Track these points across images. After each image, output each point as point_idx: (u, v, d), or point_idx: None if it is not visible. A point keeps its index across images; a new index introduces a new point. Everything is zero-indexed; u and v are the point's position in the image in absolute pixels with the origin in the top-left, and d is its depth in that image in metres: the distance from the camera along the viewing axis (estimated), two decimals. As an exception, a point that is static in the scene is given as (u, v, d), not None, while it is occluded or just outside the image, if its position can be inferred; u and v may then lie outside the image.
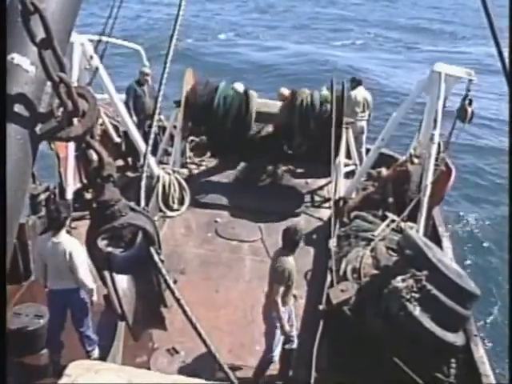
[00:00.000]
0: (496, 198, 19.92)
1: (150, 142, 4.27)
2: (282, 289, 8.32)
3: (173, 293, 3.07)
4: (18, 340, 9.10)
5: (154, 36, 35.33)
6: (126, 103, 14.61)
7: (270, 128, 15.65)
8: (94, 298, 8.63)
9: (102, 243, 3.01)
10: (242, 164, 15.73)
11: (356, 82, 16.36)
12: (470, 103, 11.62)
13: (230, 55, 38.37)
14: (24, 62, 2.33)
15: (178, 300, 3.06)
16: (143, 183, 3.76)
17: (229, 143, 15.42)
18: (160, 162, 14.30)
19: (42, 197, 11.61)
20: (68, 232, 9.04)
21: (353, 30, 47.66)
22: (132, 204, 2.91)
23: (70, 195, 11.86)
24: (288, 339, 8.80)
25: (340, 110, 13.75)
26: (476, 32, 44.32)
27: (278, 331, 8.59)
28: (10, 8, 2.44)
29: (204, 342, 3.13)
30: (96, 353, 8.95)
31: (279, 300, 8.33)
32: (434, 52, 39.56)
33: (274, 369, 9.00)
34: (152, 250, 3.02)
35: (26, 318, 9.22)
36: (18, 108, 2.28)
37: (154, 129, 4.41)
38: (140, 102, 14.85)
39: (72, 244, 8.55)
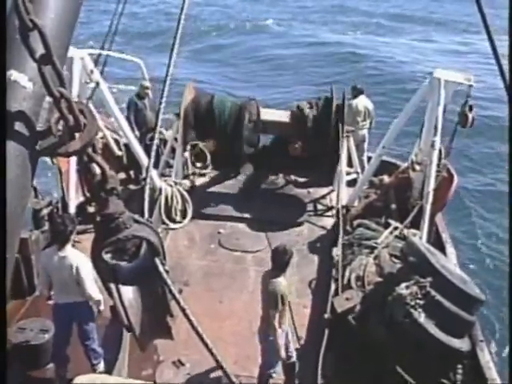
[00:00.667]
0: (499, 202, 19.87)
1: (153, 154, 4.28)
2: (277, 313, 8.32)
3: (178, 303, 3.07)
4: (23, 355, 9.10)
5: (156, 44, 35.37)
6: (128, 117, 14.66)
7: (271, 137, 15.71)
8: (101, 307, 8.65)
9: (107, 255, 3.03)
10: (244, 174, 15.75)
11: (357, 91, 16.29)
12: (471, 109, 11.62)
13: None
14: (22, 79, 2.35)
15: (183, 310, 3.07)
16: (146, 195, 3.78)
17: (229, 154, 15.47)
18: (162, 175, 14.30)
19: (45, 211, 11.64)
20: (72, 245, 9.04)
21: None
22: (136, 216, 2.92)
23: (72, 209, 11.87)
24: (287, 357, 8.82)
25: (340, 119, 13.77)
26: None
27: (275, 351, 8.62)
28: (7, 25, 2.46)
29: (210, 352, 3.13)
30: (101, 366, 8.94)
31: (276, 325, 8.33)
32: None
33: (279, 378, 9.00)
34: (157, 260, 3.03)
35: (30, 332, 9.21)
36: (16, 124, 2.30)
37: (156, 141, 4.41)
38: (141, 115, 14.91)
39: (77, 257, 8.56)
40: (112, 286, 3.09)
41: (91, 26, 34.85)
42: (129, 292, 3.15)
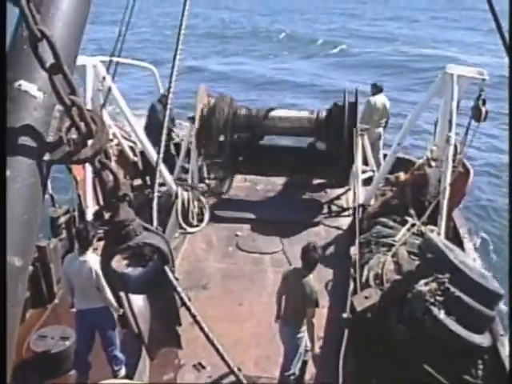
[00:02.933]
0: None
1: (160, 155, 4.27)
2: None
3: (189, 309, 3.08)
4: (44, 362, 9.16)
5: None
6: (147, 123, 14.89)
7: (287, 139, 15.74)
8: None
9: (116, 264, 3.03)
10: (260, 177, 15.80)
11: (377, 89, 16.25)
12: (484, 103, 11.55)
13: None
14: (31, 88, 2.36)
15: (194, 316, 3.07)
16: (155, 202, 3.79)
17: (245, 156, 15.53)
18: (178, 179, 14.35)
19: (62, 219, 11.72)
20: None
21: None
22: (145, 224, 2.93)
23: (89, 217, 11.92)
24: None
25: (353, 117, 13.76)
26: None
27: (300, 349, 8.65)
28: (15, 36, 2.48)
29: (222, 357, 3.14)
30: (123, 372, 8.97)
31: (315, 322, 8.49)
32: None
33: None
34: (166, 268, 3.03)
35: (51, 340, 9.27)
36: (27, 134, 2.31)
37: (171, 146, 4.42)
38: (160, 121, 14.95)
39: (97, 262, 8.60)
40: (121, 294, 3.10)
41: (100, 34, 35.00)
42: (138, 300, 3.16)
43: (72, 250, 10.40)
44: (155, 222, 3.44)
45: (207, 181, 15.44)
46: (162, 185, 13.18)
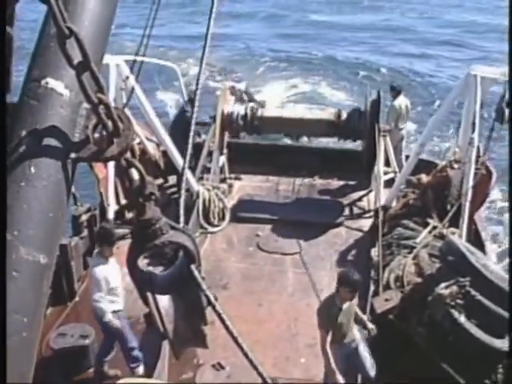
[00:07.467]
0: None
1: (187, 158, 4.27)
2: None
3: (214, 308, 3.07)
4: (64, 360, 9.20)
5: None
6: (174, 122, 15.01)
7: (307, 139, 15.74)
8: None
9: (142, 262, 3.04)
10: (281, 177, 15.79)
11: (396, 91, 16.07)
12: (508, 104, 11.46)
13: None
14: (58, 86, 2.37)
15: (219, 315, 3.07)
16: (182, 201, 3.78)
17: (266, 156, 15.56)
18: (200, 178, 14.35)
19: (84, 218, 11.76)
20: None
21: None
22: (172, 222, 2.93)
23: (111, 215, 11.96)
24: None
25: (375, 119, 13.71)
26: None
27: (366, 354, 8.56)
28: (42, 33, 2.49)
29: (246, 356, 3.14)
30: (140, 370, 8.99)
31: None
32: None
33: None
34: (193, 267, 3.03)
35: (71, 338, 9.31)
36: (53, 132, 2.32)
37: (190, 145, 4.41)
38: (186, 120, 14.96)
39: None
40: (148, 293, 3.10)
41: (126, 33, 35.03)
42: (164, 299, 3.16)
43: (93, 249, 10.41)
44: (182, 221, 3.43)
45: (228, 180, 15.42)
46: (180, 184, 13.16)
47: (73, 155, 2.37)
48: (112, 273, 8.67)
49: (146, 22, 8.59)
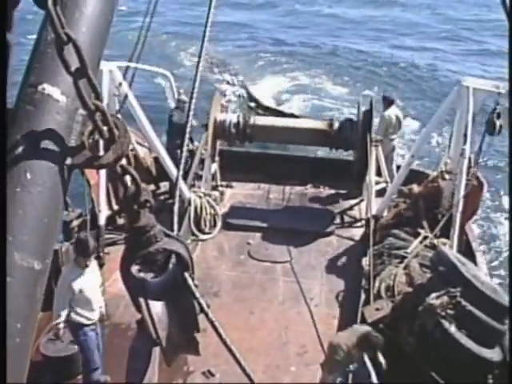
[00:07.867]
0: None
1: (181, 166, 4.29)
2: None
3: (207, 316, 3.08)
4: (54, 365, 9.17)
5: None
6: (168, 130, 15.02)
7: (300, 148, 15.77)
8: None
9: (135, 269, 3.04)
10: (272, 185, 15.81)
11: (388, 102, 16.07)
12: (499, 116, 11.50)
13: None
14: (55, 92, 2.37)
15: (211, 322, 3.08)
16: (176, 208, 3.79)
17: (258, 164, 15.58)
18: (191, 186, 14.34)
19: (75, 223, 11.74)
20: (99, 258, 9.13)
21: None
22: (166, 230, 2.93)
23: (102, 221, 11.95)
24: None
25: (367, 128, 13.74)
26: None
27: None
28: (38, 39, 2.50)
29: (239, 363, 3.14)
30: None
31: None
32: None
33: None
34: (186, 274, 3.04)
35: (61, 343, 9.27)
36: (49, 137, 2.31)
37: (185, 153, 4.43)
38: (177, 127, 14.95)
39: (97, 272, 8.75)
40: (141, 300, 3.10)
41: (120, 39, 35.06)
42: (157, 306, 3.16)
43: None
44: (175, 228, 3.44)
45: (220, 188, 15.42)
46: (173, 191, 13.17)
47: (68, 161, 2.38)
48: (86, 285, 8.65)
49: (140, 28, 8.62)
